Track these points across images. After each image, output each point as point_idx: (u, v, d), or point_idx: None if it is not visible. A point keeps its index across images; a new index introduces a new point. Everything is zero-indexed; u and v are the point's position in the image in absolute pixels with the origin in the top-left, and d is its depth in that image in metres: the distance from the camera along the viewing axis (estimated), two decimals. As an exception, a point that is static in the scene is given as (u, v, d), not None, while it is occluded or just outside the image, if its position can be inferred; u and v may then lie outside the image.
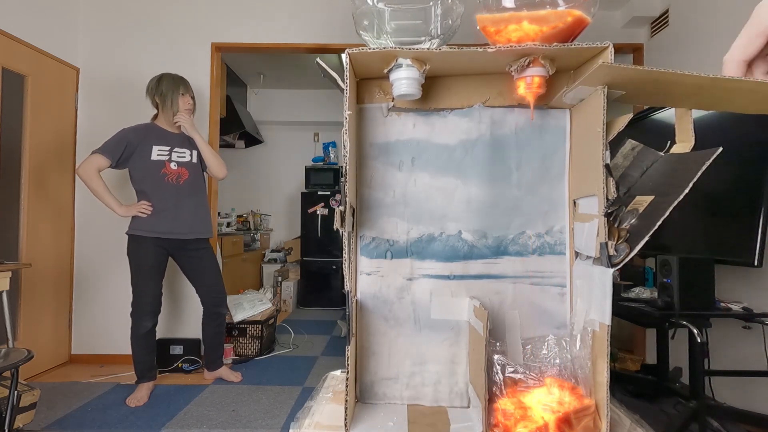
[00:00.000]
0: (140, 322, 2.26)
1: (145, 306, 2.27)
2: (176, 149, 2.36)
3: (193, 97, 2.41)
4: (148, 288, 2.28)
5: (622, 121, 0.64)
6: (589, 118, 0.70)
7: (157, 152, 2.30)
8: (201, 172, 2.45)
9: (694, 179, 0.59)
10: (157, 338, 2.38)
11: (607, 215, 0.64)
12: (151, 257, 2.28)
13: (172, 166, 2.33)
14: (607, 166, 0.64)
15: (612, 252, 0.64)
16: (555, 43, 0.65)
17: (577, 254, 0.77)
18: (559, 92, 0.79)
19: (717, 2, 2.23)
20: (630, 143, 0.77)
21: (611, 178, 0.64)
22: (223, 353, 2.65)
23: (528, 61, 0.68)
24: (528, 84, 0.70)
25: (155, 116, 2.41)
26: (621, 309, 1.81)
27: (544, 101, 0.79)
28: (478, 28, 0.68)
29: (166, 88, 2.31)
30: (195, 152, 2.41)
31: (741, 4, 2.07)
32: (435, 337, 0.81)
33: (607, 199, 0.64)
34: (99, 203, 2.87)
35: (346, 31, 2.85)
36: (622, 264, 0.63)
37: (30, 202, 2.53)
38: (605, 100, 0.64)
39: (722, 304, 1.74)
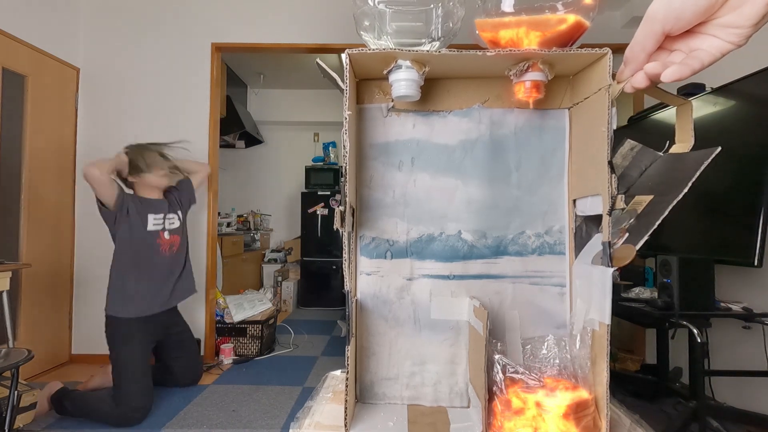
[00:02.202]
0: (127, 413, 1.99)
1: (137, 400, 2.01)
2: (168, 216, 2.26)
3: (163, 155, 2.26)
4: (140, 378, 2.04)
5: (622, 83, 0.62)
6: (591, 117, 0.70)
7: (153, 222, 2.19)
8: (186, 230, 2.38)
9: (693, 179, 0.59)
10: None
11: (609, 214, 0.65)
12: (143, 343, 2.10)
13: (166, 235, 2.24)
14: (610, 163, 0.64)
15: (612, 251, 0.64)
16: (554, 48, 0.65)
17: (576, 254, 0.77)
18: (558, 97, 0.79)
19: (717, 2, 2.23)
20: (629, 143, 0.77)
21: (614, 175, 0.63)
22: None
23: (527, 65, 0.68)
24: (527, 88, 0.70)
25: (132, 188, 2.24)
26: (621, 309, 1.81)
27: (543, 106, 0.79)
28: (477, 32, 0.68)
29: (138, 159, 2.17)
30: (180, 213, 2.34)
31: (741, 4, 2.07)
32: (435, 337, 0.82)
33: (611, 198, 0.64)
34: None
35: (346, 31, 2.85)
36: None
37: (30, 201, 2.53)
38: (610, 100, 0.63)
39: (722, 304, 1.74)
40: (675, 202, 0.58)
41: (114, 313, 2.08)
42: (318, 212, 4.78)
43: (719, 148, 0.58)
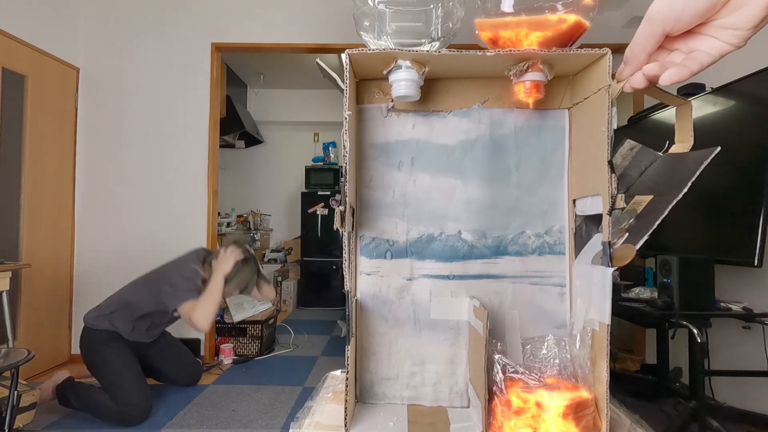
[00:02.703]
0: (128, 411, 1.97)
1: (136, 400, 1.99)
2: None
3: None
4: (130, 374, 2.02)
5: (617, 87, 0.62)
6: (591, 117, 0.70)
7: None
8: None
9: (693, 178, 0.59)
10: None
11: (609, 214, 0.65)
12: (125, 345, 2.08)
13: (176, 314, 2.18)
14: (610, 163, 0.64)
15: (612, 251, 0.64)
16: (554, 48, 0.65)
17: (576, 254, 0.77)
18: (558, 97, 0.79)
19: (717, 2, 2.23)
20: (629, 143, 0.77)
21: (614, 175, 0.63)
22: None
23: (526, 65, 0.68)
24: (527, 89, 0.70)
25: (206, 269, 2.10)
26: (621, 309, 1.81)
27: (543, 106, 0.79)
28: (477, 32, 0.68)
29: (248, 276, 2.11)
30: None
31: (741, 4, 2.07)
32: (435, 337, 0.82)
33: (611, 198, 0.64)
34: (98, 203, 2.88)
35: (346, 31, 2.85)
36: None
37: (30, 202, 2.53)
38: (610, 100, 0.63)
39: (722, 304, 1.74)
40: (675, 202, 0.58)
41: (95, 325, 2.07)
42: (318, 212, 4.78)
43: (719, 148, 0.58)
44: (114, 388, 1.99)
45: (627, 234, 0.63)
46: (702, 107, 1.91)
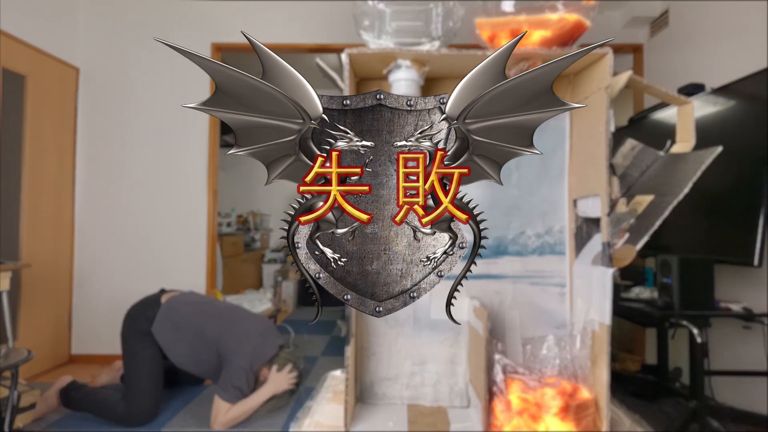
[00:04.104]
0: (134, 414, 1.96)
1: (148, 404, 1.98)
2: None
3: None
4: (151, 378, 2.00)
5: (622, 79, 0.62)
6: (591, 117, 0.70)
7: None
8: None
9: (694, 179, 0.59)
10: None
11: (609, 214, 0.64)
12: (160, 352, 2.04)
13: None
14: (611, 166, 0.64)
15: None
16: (554, 48, 0.65)
17: (577, 254, 0.77)
18: (559, 97, 0.79)
19: (716, 3, 2.23)
20: (630, 143, 0.77)
21: (615, 178, 0.63)
22: None
23: (528, 65, 0.68)
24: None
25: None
26: (621, 309, 1.81)
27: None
28: (477, 31, 0.68)
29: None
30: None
31: (740, 4, 2.07)
32: (435, 338, 0.81)
33: (611, 199, 0.64)
34: (98, 203, 2.88)
35: (346, 31, 2.85)
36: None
37: (30, 202, 2.53)
38: (609, 101, 0.63)
39: (722, 304, 1.74)
40: (676, 202, 0.58)
41: (158, 323, 2.02)
42: (318, 212, 4.77)
43: (720, 148, 0.58)
44: (133, 385, 1.97)
45: (627, 234, 0.63)
46: (702, 107, 1.91)
